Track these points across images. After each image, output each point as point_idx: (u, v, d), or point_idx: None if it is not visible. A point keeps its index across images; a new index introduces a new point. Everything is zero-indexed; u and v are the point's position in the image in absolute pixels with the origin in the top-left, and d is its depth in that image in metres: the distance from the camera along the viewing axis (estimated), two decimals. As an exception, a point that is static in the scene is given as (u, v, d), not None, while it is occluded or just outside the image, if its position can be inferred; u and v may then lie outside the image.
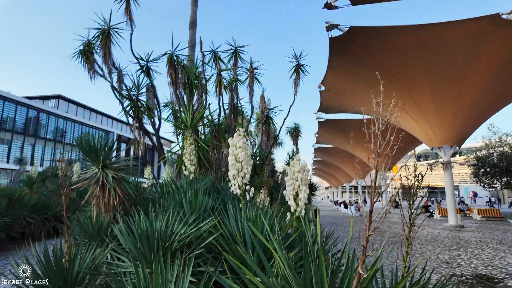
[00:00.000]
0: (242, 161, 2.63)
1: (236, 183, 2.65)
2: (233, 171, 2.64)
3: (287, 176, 2.96)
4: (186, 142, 4.44)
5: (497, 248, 8.60)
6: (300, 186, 2.82)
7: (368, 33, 11.49)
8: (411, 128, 15.98)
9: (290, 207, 2.79)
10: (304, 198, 2.80)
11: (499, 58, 11.79)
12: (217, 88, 6.47)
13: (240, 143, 2.69)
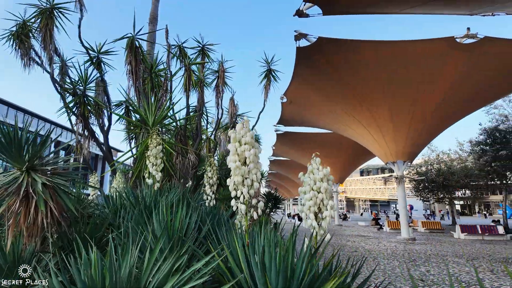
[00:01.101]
0: (250, 163, 1.83)
1: (241, 195, 1.83)
2: (236, 177, 1.82)
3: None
4: (151, 142, 3.46)
5: (458, 262, 8.70)
6: (323, 201, 2.08)
7: (335, 45, 11.46)
8: (368, 143, 16.37)
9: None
10: (329, 217, 2.06)
11: (450, 79, 12.54)
12: (185, 85, 5.56)
13: (247, 137, 1.89)
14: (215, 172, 3.65)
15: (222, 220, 3.42)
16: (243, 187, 1.84)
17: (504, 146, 19.76)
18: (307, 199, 2.08)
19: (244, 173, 1.83)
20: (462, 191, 37.52)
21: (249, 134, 1.92)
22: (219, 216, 3.29)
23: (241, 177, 1.82)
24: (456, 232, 16.61)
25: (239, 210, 1.91)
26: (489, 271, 7.44)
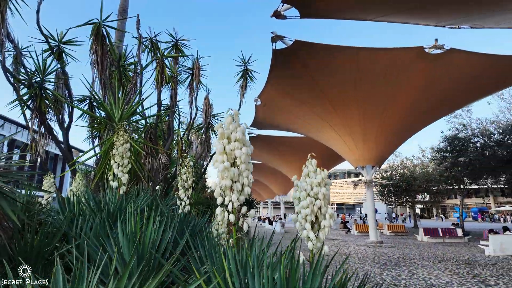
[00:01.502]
0: (241, 164, 1.53)
1: (229, 202, 1.52)
2: (224, 181, 1.51)
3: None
4: (117, 139, 3.04)
5: (426, 265, 8.89)
6: (321, 208, 1.83)
7: (311, 49, 11.45)
8: (339, 147, 16.60)
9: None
10: (328, 227, 1.81)
11: (418, 87, 13.02)
12: (157, 80, 5.12)
13: (238, 133, 1.58)
14: (190, 174, 3.29)
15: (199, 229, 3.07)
16: (232, 193, 1.53)
17: (462, 153, 20.98)
18: (303, 206, 1.81)
19: (234, 176, 1.53)
20: (423, 195, 39.53)
21: (240, 129, 1.62)
22: (194, 223, 2.94)
23: (229, 180, 1.52)
24: (419, 235, 17.26)
25: (223, 219, 1.60)
26: (455, 274, 7.64)
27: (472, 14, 9.93)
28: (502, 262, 9.49)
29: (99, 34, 4.38)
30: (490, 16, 9.89)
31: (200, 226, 3.30)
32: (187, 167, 3.29)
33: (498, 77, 13.34)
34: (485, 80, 13.39)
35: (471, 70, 12.38)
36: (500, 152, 19.18)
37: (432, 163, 27.69)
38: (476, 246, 13.37)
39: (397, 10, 9.87)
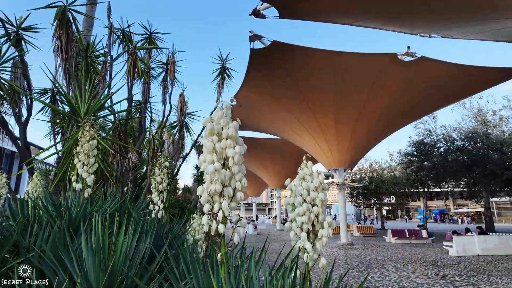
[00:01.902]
0: (233, 166, 1.30)
1: (219, 209, 1.29)
2: (214, 185, 1.27)
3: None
4: (82, 135, 2.69)
5: (396, 267, 9.08)
6: (318, 216, 1.64)
7: (289, 50, 11.40)
8: (313, 149, 16.72)
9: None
10: (326, 238, 1.63)
11: (390, 93, 13.40)
12: (129, 72, 4.73)
13: (230, 129, 1.35)
14: (165, 176, 3.00)
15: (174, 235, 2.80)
16: (222, 199, 1.30)
17: (427, 158, 21.99)
18: (299, 214, 1.61)
19: (225, 179, 1.30)
20: (389, 197, 41.17)
21: (232, 125, 1.39)
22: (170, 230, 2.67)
23: (220, 185, 1.29)
24: (387, 236, 17.79)
25: (210, 229, 1.36)
26: (424, 275, 7.84)
27: (442, 24, 10.35)
28: (465, 262, 9.92)
29: (64, 19, 3.94)
30: (458, 27, 10.36)
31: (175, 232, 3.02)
32: (161, 168, 2.99)
33: (462, 86, 14.07)
34: (451, 88, 14.07)
35: (439, 78, 12.94)
36: (462, 157, 20.28)
37: (399, 167, 28.83)
38: (440, 247, 13.97)
39: (373, 16, 10.07)
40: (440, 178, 22.35)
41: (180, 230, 3.25)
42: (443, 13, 9.44)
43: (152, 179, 2.95)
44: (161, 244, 2.19)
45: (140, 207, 3.22)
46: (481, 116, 21.84)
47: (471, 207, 44.82)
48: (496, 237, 11.76)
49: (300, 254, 1.69)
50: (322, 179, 1.70)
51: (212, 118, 1.42)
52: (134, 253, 1.53)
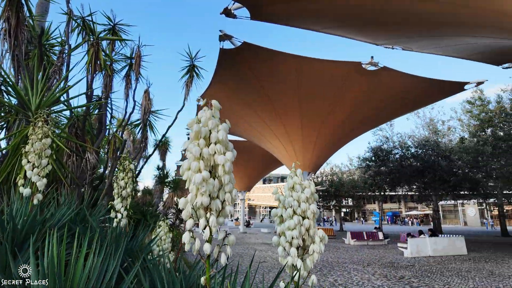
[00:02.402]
0: (224, 175, 1.12)
1: (204, 225, 1.09)
2: (202, 197, 1.08)
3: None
4: (34, 132, 2.33)
5: (357, 269, 9.33)
6: (309, 230, 1.52)
7: (259, 53, 11.33)
8: (279, 153, 16.84)
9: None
10: (318, 254, 1.50)
11: (354, 99, 13.88)
12: (90, 64, 4.29)
13: (220, 133, 1.17)
14: (130, 180, 2.71)
15: (139, 246, 2.53)
16: (210, 214, 1.11)
17: (384, 163, 23.18)
18: (289, 227, 1.47)
19: (213, 190, 1.11)
20: (347, 200, 42.90)
21: (222, 127, 1.21)
22: (135, 240, 2.39)
23: (208, 197, 1.10)
24: (346, 238, 18.38)
25: (193, 248, 1.17)
26: (384, 277, 8.13)
27: (403, 37, 10.93)
28: (419, 263, 10.50)
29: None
30: (416, 41, 11.01)
31: (140, 243, 2.74)
32: (126, 171, 2.69)
33: (417, 97, 15.00)
34: (408, 98, 14.94)
35: (398, 88, 13.66)
36: (415, 163, 21.65)
37: (358, 171, 30.10)
38: (395, 248, 14.69)
39: (339, 24, 10.35)
40: (396, 182, 23.64)
41: (144, 240, 2.97)
42: (403, 27, 9.96)
43: (114, 183, 2.65)
44: (129, 261, 1.93)
45: (98, 214, 2.89)
46: (433, 126, 23.52)
47: (420, 210, 48.10)
48: (446, 239, 12.62)
49: (288, 271, 1.55)
50: (313, 189, 1.58)
51: (198, 119, 1.22)
52: (99, 278, 1.28)
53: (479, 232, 28.71)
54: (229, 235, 1.23)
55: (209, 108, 1.25)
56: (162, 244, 2.98)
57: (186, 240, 1.16)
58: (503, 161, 16.96)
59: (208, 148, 1.17)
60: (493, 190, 22.15)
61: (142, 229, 2.97)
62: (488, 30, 7.98)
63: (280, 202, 1.61)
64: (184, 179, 1.20)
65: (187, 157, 1.20)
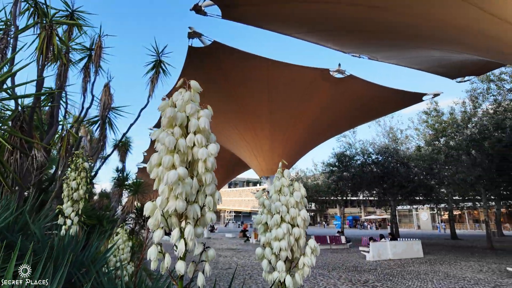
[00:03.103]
0: (205, 174, 0.88)
1: (177, 237, 0.84)
2: (176, 201, 0.83)
3: (262, 212, 1.40)
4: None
5: (323, 274, 9.35)
6: (299, 240, 1.31)
7: (229, 53, 11.10)
8: (247, 157, 16.65)
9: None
10: (309, 268, 1.30)
11: (320, 105, 14.12)
12: (41, 49, 3.78)
13: (202, 120, 0.92)
14: (83, 181, 2.34)
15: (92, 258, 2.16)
16: (186, 223, 0.86)
17: (347, 169, 23.91)
18: (277, 237, 1.25)
19: (191, 192, 0.86)
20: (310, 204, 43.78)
21: (204, 113, 0.96)
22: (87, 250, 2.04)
23: (184, 201, 0.85)
24: (311, 242, 18.57)
25: (161, 264, 0.91)
26: (349, 281, 8.19)
27: (369, 46, 11.31)
28: (380, 266, 10.78)
29: None
30: (382, 51, 11.45)
31: (94, 253, 2.38)
32: (79, 170, 2.32)
33: (380, 105, 15.64)
34: (371, 107, 15.52)
35: (362, 97, 14.12)
36: (376, 169, 22.55)
37: (322, 176, 30.78)
38: (357, 252, 15.06)
39: (308, 30, 10.46)
40: (357, 187, 24.47)
41: (99, 249, 2.58)
42: (370, 36, 10.28)
43: (64, 184, 2.26)
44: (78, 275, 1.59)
45: (45, 219, 2.46)
46: (392, 134, 24.71)
47: (378, 214, 50.38)
48: (404, 243, 13.16)
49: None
50: (304, 193, 1.37)
51: (173, 102, 0.96)
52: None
53: (431, 235, 30.57)
54: (207, 249, 0.98)
55: (187, 90, 0.99)
56: (119, 254, 2.63)
57: (152, 256, 0.89)
58: (454, 169, 18.19)
59: (185, 139, 0.92)
60: (445, 196, 23.73)
61: (97, 236, 2.59)
62: (448, 44, 8.44)
63: (264, 207, 1.38)
64: (152, 177, 0.93)
65: (156, 150, 0.94)
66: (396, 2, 6.92)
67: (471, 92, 17.10)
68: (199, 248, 0.94)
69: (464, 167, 16.92)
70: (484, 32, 6.44)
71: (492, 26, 6.18)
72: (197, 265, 0.95)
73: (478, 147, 15.98)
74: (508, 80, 15.90)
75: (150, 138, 20.27)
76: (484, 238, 20.86)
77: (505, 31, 6.20)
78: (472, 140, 15.99)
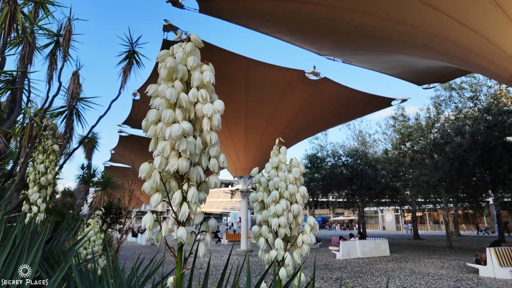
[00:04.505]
0: (209, 134, 0.78)
1: (182, 202, 0.73)
2: (179, 160, 0.72)
3: (255, 192, 1.33)
4: None
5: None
6: (298, 216, 1.25)
7: (206, 49, 10.84)
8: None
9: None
10: (307, 245, 1.25)
11: (296, 106, 14.27)
12: (3, 26, 3.44)
13: (206, 74, 0.83)
14: (52, 164, 2.13)
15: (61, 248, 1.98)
16: (188, 185, 0.76)
17: (318, 170, 24.38)
18: (276, 213, 1.18)
19: (195, 152, 0.76)
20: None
21: (208, 68, 0.88)
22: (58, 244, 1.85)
23: (186, 161, 0.74)
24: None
25: (157, 233, 0.80)
26: (321, 279, 8.28)
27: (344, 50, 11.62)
28: (350, 264, 11.04)
29: None
30: (356, 54, 11.80)
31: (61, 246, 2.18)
32: (48, 153, 2.11)
33: (352, 109, 16.11)
34: (343, 110, 15.93)
35: (335, 100, 14.46)
36: (345, 171, 23.19)
37: (294, 178, 31.15)
38: (327, 251, 15.34)
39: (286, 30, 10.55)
40: (327, 188, 25.01)
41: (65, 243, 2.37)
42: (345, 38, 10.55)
43: (30, 167, 2.05)
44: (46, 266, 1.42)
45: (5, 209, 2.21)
46: (361, 137, 25.58)
47: (346, 216, 51.86)
48: (372, 241, 13.60)
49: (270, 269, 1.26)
50: (302, 169, 1.32)
51: (173, 53, 0.86)
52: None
53: (396, 235, 31.95)
54: (208, 219, 0.89)
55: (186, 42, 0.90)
56: (91, 246, 2.44)
57: (148, 224, 0.79)
58: (418, 171, 19.14)
59: (188, 93, 0.82)
60: (409, 198, 24.90)
61: (64, 229, 2.38)
62: (419, 49, 8.84)
63: (260, 184, 1.31)
64: (148, 135, 0.83)
65: (152, 106, 0.83)
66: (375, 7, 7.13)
67: (435, 99, 18.11)
68: (199, 217, 0.85)
69: (428, 170, 17.85)
70: (453, 40, 6.80)
71: (461, 35, 6.55)
72: (197, 236, 0.86)
73: (440, 151, 16.93)
74: (468, 89, 17.04)
75: (119, 134, 19.43)
76: (443, 238, 22.13)
77: (471, 40, 6.60)
78: (435, 145, 16.90)
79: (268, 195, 1.25)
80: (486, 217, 36.03)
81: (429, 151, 17.27)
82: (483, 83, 16.69)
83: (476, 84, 16.78)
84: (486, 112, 15.72)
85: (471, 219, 38.16)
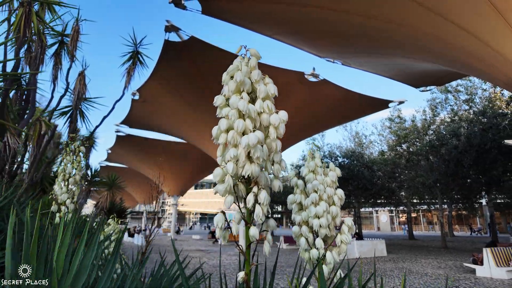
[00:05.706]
0: (274, 141, 0.85)
1: (254, 204, 0.81)
2: (252, 166, 0.80)
3: (295, 192, 1.41)
4: None
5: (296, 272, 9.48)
6: (336, 218, 1.34)
7: (206, 50, 10.95)
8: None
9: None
10: (346, 244, 1.33)
11: (293, 108, 14.38)
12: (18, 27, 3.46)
13: (270, 87, 0.90)
14: (80, 165, 2.19)
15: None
16: (259, 188, 0.83)
17: (315, 171, 24.51)
18: (317, 214, 1.26)
19: (265, 159, 0.84)
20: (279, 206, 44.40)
21: (270, 80, 0.96)
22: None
23: (258, 166, 0.82)
24: (279, 242, 18.81)
25: (224, 233, 0.88)
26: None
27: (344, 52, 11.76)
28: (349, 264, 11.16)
29: None
30: (355, 57, 11.95)
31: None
32: (76, 154, 2.17)
33: (350, 110, 16.28)
34: (340, 111, 16.10)
35: (334, 101, 14.61)
36: (342, 172, 23.35)
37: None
38: (325, 251, 15.47)
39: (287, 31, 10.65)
40: (324, 189, 25.15)
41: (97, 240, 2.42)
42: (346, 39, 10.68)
43: (59, 168, 2.10)
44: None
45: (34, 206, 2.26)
46: (358, 139, 25.79)
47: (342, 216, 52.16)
48: (370, 242, 13.76)
49: (308, 266, 1.34)
50: (339, 173, 1.40)
51: (238, 67, 0.94)
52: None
53: (391, 236, 32.28)
54: (267, 220, 0.97)
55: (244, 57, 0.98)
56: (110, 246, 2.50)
57: (220, 223, 0.86)
58: (414, 173, 19.39)
59: (254, 104, 0.90)
60: (404, 198, 25.18)
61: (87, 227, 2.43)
62: (418, 52, 9.00)
63: (298, 187, 1.39)
64: (219, 142, 0.90)
65: (221, 116, 0.91)
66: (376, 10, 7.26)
67: (431, 102, 18.37)
68: (262, 217, 0.92)
69: (423, 171, 18.09)
70: (451, 43, 6.96)
71: (458, 38, 6.71)
72: (260, 233, 0.93)
73: (436, 153, 17.17)
74: (464, 92, 17.31)
75: (116, 134, 19.33)
76: (437, 238, 22.45)
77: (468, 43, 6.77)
78: (431, 146, 17.14)
79: (305, 197, 1.33)
80: (479, 218, 36.56)
81: (425, 153, 17.51)
82: (478, 86, 16.97)
83: (472, 87, 17.06)
84: (481, 115, 15.98)
85: (464, 220, 38.70)
